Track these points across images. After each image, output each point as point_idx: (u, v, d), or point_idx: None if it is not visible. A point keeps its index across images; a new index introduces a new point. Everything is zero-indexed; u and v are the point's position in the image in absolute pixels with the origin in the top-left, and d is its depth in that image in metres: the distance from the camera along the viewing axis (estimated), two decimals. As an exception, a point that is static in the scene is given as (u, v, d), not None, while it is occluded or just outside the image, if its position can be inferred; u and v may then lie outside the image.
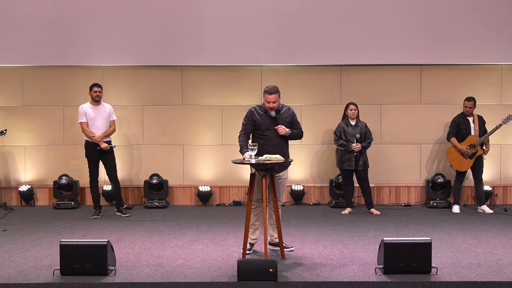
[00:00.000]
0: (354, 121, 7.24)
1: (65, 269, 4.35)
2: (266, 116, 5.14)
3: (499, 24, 7.77)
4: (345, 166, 7.20)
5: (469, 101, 7.28)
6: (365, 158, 7.24)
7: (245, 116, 5.21)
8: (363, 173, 7.25)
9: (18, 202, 8.00)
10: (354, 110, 7.23)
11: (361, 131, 7.20)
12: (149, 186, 7.84)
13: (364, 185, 7.29)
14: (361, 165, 7.18)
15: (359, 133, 7.16)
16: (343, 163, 7.22)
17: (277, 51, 7.84)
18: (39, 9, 7.79)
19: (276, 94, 5.09)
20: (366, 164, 7.26)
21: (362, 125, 7.27)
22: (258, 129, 5.13)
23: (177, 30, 7.81)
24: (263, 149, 4.98)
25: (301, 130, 5.36)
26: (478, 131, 7.26)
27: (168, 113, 8.05)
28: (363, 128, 7.25)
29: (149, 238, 5.79)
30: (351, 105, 7.25)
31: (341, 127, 7.27)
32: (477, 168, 7.31)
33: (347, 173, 7.27)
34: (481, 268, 4.56)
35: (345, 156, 7.19)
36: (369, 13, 7.78)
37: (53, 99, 8.01)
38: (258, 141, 5.08)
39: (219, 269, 4.59)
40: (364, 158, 7.22)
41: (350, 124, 7.24)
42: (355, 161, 7.14)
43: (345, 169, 7.22)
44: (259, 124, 5.12)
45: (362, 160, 7.18)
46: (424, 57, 7.85)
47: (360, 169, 7.19)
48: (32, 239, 5.74)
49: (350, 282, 4.24)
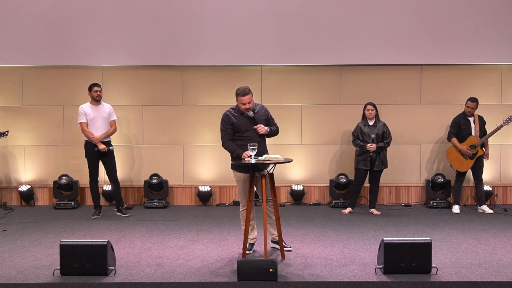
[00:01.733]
0: (372, 121, 7.19)
1: (65, 269, 4.35)
2: (242, 118, 5.09)
3: (499, 24, 7.77)
4: (360, 166, 7.17)
5: (472, 102, 7.26)
6: (382, 158, 7.17)
7: (222, 121, 5.13)
8: (378, 173, 7.21)
9: (18, 202, 8.00)
10: (371, 110, 7.16)
11: (378, 131, 7.15)
12: (149, 186, 7.83)
13: (374, 185, 7.28)
14: (378, 165, 7.13)
15: (376, 133, 7.11)
16: (358, 163, 7.20)
17: (277, 51, 7.85)
18: (39, 9, 7.79)
19: (249, 94, 5.03)
20: (384, 164, 7.21)
21: (380, 125, 7.20)
22: (237, 131, 5.09)
23: (177, 30, 7.81)
24: (245, 150, 4.94)
25: (277, 126, 5.33)
26: (478, 132, 7.26)
27: (168, 113, 8.05)
28: (381, 128, 7.18)
29: (149, 238, 5.79)
30: (369, 105, 7.19)
31: (358, 128, 7.24)
32: (477, 168, 7.31)
33: (362, 173, 7.21)
34: (481, 268, 4.56)
35: (361, 156, 7.16)
36: (369, 13, 7.78)
37: (53, 99, 8.01)
38: (238, 143, 5.06)
39: (219, 269, 4.59)
40: (381, 158, 7.16)
41: (368, 124, 7.20)
42: (371, 161, 7.13)
43: (361, 168, 7.18)
44: (237, 127, 5.08)
45: (379, 160, 7.13)
46: (424, 57, 7.85)
47: (376, 169, 7.15)
48: (32, 239, 5.74)
49: (350, 282, 4.24)
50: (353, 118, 7.56)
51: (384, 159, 7.22)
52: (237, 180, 5.23)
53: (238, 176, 5.19)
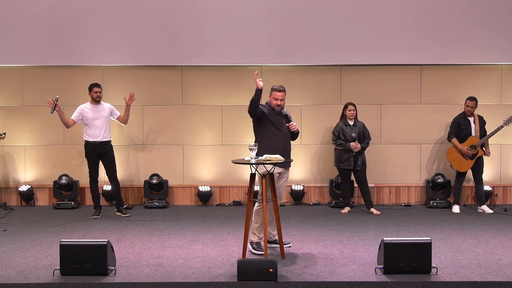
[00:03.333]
0: (352, 121, 7.28)
1: (65, 269, 4.35)
2: (274, 114, 5.23)
3: (499, 24, 7.77)
4: (343, 166, 7.23)
5: (471, 101, 7.27)
6: (363, 158, 7.27)
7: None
8: (361, 172, 7.28)
9: (18, 202, 8.00)
10: (352, 111, 7.26)
11: (359, 130, 7.23)
12: (149, 186, 7.83)
13: (362, 185, 7.32)
14: (359, 164, 7.21)
15: (357, 133, 7.20)
16: (341, 163, 7.25)
17: (277, 51, 7.85)
18: (39, 9, 7.79)
19: (284, 92, 5.25)
20: (364, 164, 7.29)
21: (360, 125, 7.30)
22: (267, 125, 5.17)
23: (177, 30, 7.81)
24: (277, 145, 5.10)
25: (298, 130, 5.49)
26: (478, 132, 7.26)
27: (168, 113, 8.05)
28: (361, 128, 7.28)
29: (149, 238, 5.79)
30: (350, 106, 7.28)
31: (339, 127, 7.29)
32: (478, 168, 7.31)
33: (345, 172, 7.31)
34: (481, 268, 4.56)
35: (344, 156, 7.21)
36: (369, 13, 7.78)
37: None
38: (271, 136, 5.15)
39: (219, 269, 4.59)
40: (362, 158, 7.25)
41: (348, 124, 7.26)
42: (354, 161, 7.17)
43: (343, 168, 7.26)
44: (269, 121, 5.17)
45: (360, 160, 7.21)
46: (424, 57, 7.85)
47: (358, 169, 7.23)
48: (32, 239, 5.74)
49: (350, 282, 4.24)
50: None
51: (364, 158, 7.30)
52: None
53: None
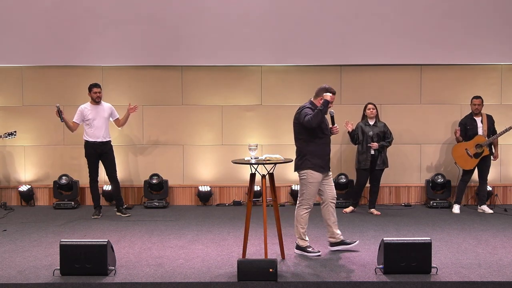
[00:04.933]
0: (372, 120, 7.22)
1: (65, 269, 4.35)
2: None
3: (499, 24, 7.76)
4: (361, 166, 7.19)
5: (476, 99, 7.25)
6: (383, 157, 7.20)
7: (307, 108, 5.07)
8: (379, 173, 7.23)
9: (18, 202, 8.00)
10: (372, 109, 7.21)
11: (379, 130, 7.18)
12: (149, 186, 7.83)
13: (375, 185, 7.29)
14: (379, 164, 7.16)
15: (377, 132, 7.13)
16: (359, 163, 7.21)
17: (277, 51, 7.84)
18: (39, 9, 7.79)
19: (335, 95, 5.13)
20: (385, 163, 7.23)
21: (381, 125, 7.24)
22: (315, 130, 4.94)
23: (177, 30, 7.81)
24: (325, 150, 4.99)
25: None
26: (486, 131, 7.21)
27: (168, 113, 8.05)
28: (381, 127, 7.22)
29: (149, 238, 5.79)
30: (369, 105, 7.24)
31: (359, 127, 7.25)
32: (484, 168, 7.26)
33: (364, 174, 7.23)
34: (481, 268, 4.56)
35: (362, 156, 7.18)
36: (369, 13, 7.77)
37: (53, 99, 7.98)
38: (319, 141, 4.96)
39: (219, 269, 4.59)
40: (383, 157, 7.18)
41: (368, 123, 7.22)
42: (372, 161, 7.13)
43: (362, 169, 7.20)
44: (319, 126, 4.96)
45: (380, 160, 7.16)
46: (424, 57, 7.85)
47: (377, 169, 7.18)
48: (32, 239, 5.74)
49: (350, 282, 4.24)
50: (353, 118, 7.54)
51: (385, 158, 7.23)
52: (311, 181, 4.96)
53: (315, 177, 4.96)
